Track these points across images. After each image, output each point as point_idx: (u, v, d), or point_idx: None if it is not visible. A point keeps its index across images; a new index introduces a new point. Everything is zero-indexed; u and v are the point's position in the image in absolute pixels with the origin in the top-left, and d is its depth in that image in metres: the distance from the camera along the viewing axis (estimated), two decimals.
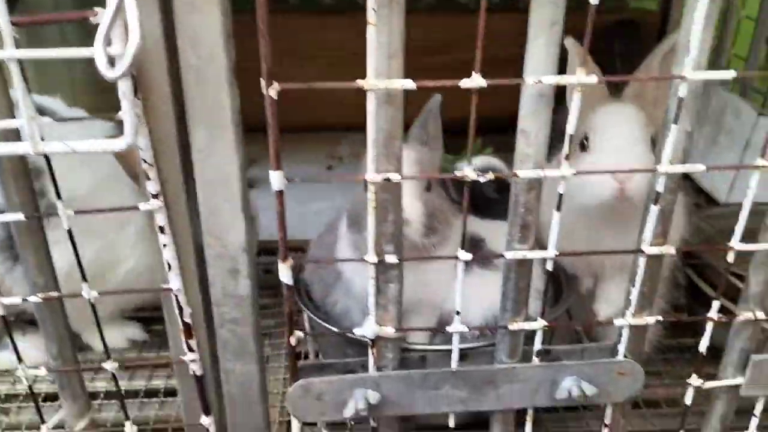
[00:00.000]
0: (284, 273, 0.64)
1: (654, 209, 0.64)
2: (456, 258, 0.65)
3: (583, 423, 1.00)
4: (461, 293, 0.68)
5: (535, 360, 0.73)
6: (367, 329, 0.69)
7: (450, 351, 0.72)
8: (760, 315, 0.71)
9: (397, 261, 0.65)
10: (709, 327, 0.72)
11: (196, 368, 0.71)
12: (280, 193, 0.59)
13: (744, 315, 0.72)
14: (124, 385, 1.08)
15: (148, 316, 1.20)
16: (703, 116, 1.67)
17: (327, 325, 0.91)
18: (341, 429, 0.97)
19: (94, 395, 1.05)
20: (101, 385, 1.07)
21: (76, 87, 1.55)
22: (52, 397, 1.03)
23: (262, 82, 0.53)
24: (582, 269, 0.95)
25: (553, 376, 0.73)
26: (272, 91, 0.54)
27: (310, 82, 0.52)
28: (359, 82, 0.54)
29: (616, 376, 0.73)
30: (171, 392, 1.06)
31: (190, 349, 0.69)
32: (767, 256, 0.69)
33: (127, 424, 0.74)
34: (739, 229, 0.66)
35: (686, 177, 0.64)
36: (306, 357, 1.10)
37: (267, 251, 1.26)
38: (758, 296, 0.71)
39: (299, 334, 0.69)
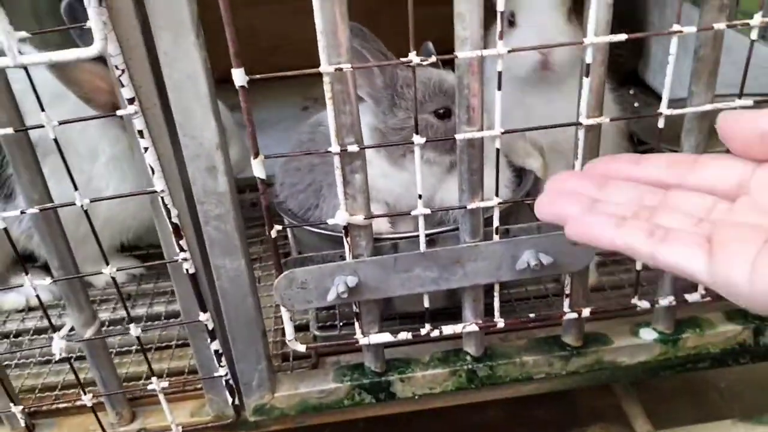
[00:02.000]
0: (257, 168, 0.70)
1: (586, 81, 0.70)
2: (411, 143, 0.71)
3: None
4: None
5: (496, 238, 0.80)
6: (339, 218, 0.76)
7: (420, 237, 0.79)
8: None
9: (357, 149, 0.71)
10: None
11: (188, 266, 0.77)
12: (243, 89, 0.65)
13: None
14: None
15: (144, 253, 1.27)
16: (659, 27, 1.72)
17: (306, 225, 0.97)
18: (331, 330, 1.05)
19: None
20: (104, 315, 1.14)
21: (42, 20, 1.59)
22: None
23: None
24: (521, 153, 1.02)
25: (513, 251, 0.80)
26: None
27: None
28: None
29: (570, 247, 0.80)
30: (172, 315, 1.13)
31: (182, 249, 0.76)
32: (693, 122, 0.76)
33: (132, 327, 0.80)
34: (665, 95, 0.72)
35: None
36: None
37: (254, 187, 1.34)
38: None
39: (278, 227, 0.76)
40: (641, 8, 1.91)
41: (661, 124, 0.74)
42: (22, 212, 0.72)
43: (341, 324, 1.03)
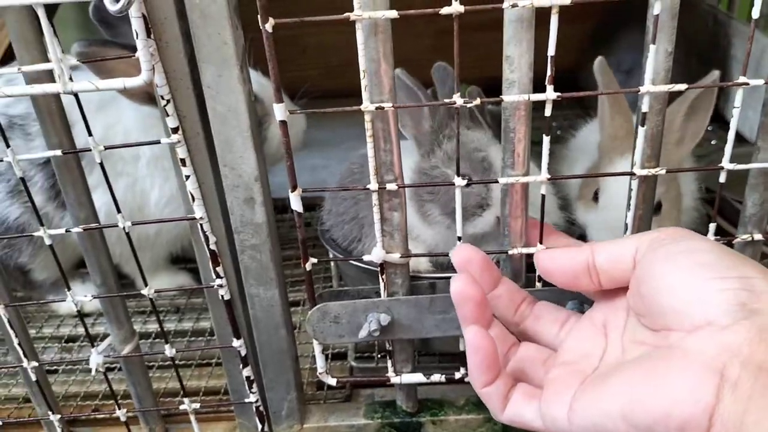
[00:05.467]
0: (294, 202, 0.70)
1: (641, 131, 0.66)
2: (452, 184, 0.69)
3: None
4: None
5: (538, 285, 0.77)
6: (374, 255, 0.74)
7: None
8: (758, 236, 0.73)
9: (396, 188, 0.70)
10: None
11: (223, 293, 0.78)
12: (283, 123, 0.65)
13: (742, 237, 0.74)
14: (173, 326, 1.18)
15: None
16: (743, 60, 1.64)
17: (341, 260, 0.96)
18: (368, 361, 1.03)
19: (146, 336, 1.14)
20: (152, 327, 1.17)
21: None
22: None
23: (259, 18, 0.59)
24: None
25: (558, 298, 0.77)
26: (268, 26, 0.59)
27: None
28: (348, 14, 0.59)
29: None
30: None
31: (218, 276, 0.76)
32: (759, 177, 0.71)
33: (167, 348, 0.81)
34: (728, 148, 0.68)
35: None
36: None
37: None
38: (755, 218, 0.73)
39: (313, 260, 0.75)
40: (723, 37, 1.81)
41: (722, 179, 0.69)
42: (68, 231, 0.74)
43: (379, 356, 1.01)
